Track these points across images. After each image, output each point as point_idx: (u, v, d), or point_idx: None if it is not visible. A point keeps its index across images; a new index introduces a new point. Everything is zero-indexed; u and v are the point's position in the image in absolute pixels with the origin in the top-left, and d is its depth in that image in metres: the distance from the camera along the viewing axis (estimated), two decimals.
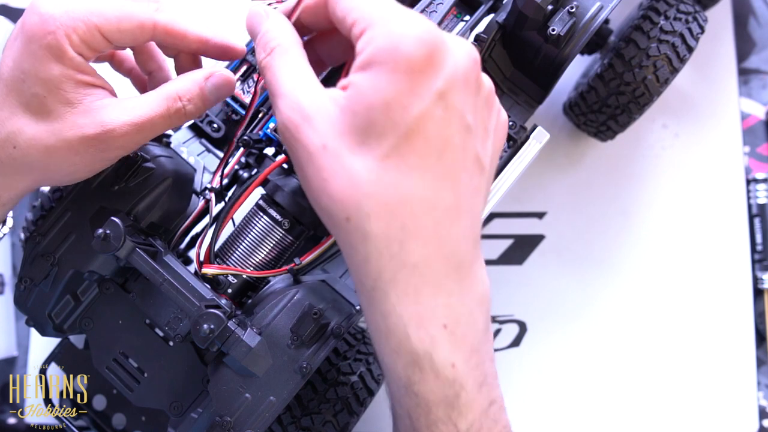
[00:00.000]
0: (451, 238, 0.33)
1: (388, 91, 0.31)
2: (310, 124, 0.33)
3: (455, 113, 0.32)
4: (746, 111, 0.70)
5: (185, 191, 0.50)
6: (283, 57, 0.36)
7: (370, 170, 0.32)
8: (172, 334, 0.45)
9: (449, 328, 0.33)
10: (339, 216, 0.33)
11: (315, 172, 0.33)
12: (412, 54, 0.31)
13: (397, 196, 0.32)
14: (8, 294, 0.68)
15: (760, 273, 0.66)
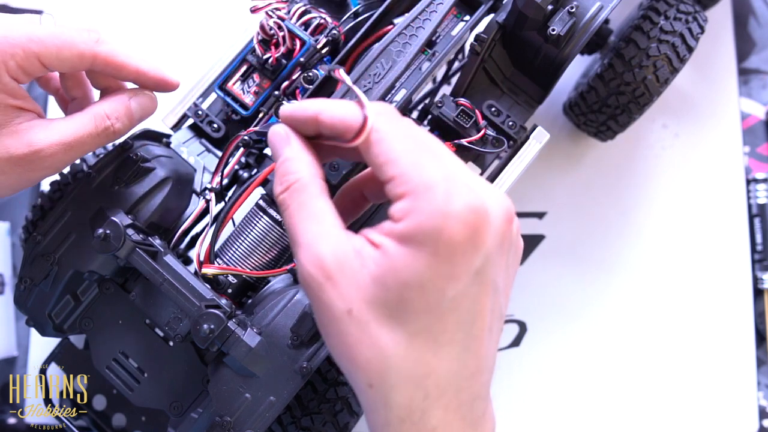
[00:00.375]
0: (470, 399, 0.32)
1: (426, 274, 0.30)
2: (333, 284, 0.31)
3: (489, 285, 0.32)
4: (746, 111, 0.70)
5: (185, 191, 0.50)
6: (301, 196, 0.34)
7: (399, 345, 0.30)
8: (172, 334, 0.45)
9: None
10: (361, 381, 0.32)
11: (337, 336, 0.31)
12: (457, 237, 0.30)
13: (423, 370, 0.31)
14: (8, 294, 0.68)
15: (760, 273, 0.66)
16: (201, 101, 0.54)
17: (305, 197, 0.33)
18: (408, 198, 0.30)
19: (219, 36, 0.57)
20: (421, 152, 0.31)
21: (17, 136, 0.40)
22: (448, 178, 0.30)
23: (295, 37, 0.50)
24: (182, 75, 0.50)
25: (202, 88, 0.54)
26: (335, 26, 0.51)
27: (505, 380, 0.65)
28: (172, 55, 0.71)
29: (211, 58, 0.54)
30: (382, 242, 0.31)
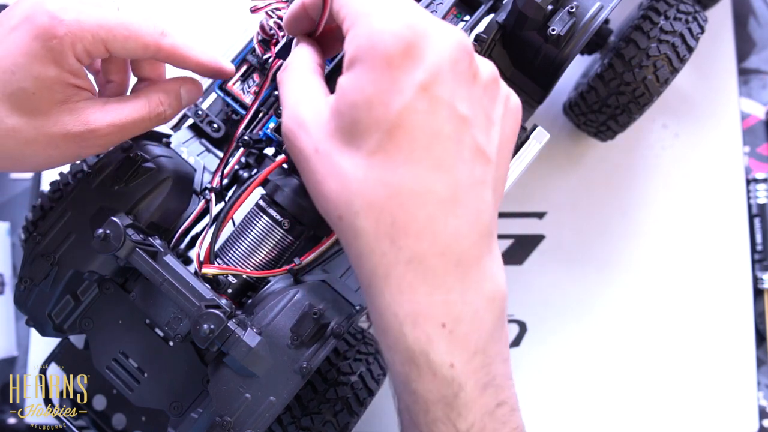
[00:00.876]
0: (447, 232, 0.32)
1: (369, 89, 0.31)
2: (304, 129, 0.34)
3: (443, 104, 0.32)
4: (746, 111, 0.70)
5: (185, 191, 0.50)
6: (294, 72, 0.37)
7: (357, 168, 0.32)
8: (172, 334, 0.45)
9: (448, 327, 0.32)
10: (333, 215, 0.33)
11: (310, 175, 0.34)
12: (390, 49, 0.31)
13: (385, 192, 0.32)
14: (8, 294, 0.68)
15: (760, 273, 0.66)
16: (201, 101, 0.54)
17: (297, 74, 0.37)
18: (351, 29, 0.33)
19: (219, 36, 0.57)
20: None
21: (75, 114, 0.41)
22: (386, 5, 0.32)
23: None
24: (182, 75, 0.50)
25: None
26: None
27: None
28: None
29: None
30: (338, 82, 0.33)
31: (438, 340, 0.32)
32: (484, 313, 0.33)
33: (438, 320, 0.32)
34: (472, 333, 0.33)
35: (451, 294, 0.32)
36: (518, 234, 0.67)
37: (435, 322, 0.32)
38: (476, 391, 0.33)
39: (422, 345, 0.32)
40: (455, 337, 0.33)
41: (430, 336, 0.32)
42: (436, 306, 0.32)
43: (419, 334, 0.32)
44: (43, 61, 0.39)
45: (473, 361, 0.33)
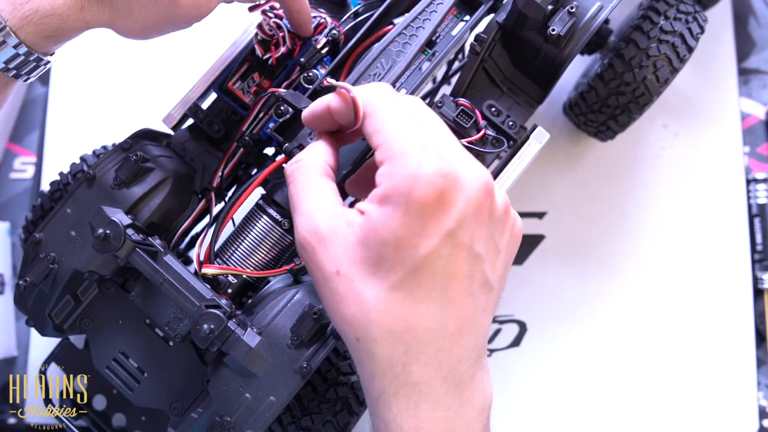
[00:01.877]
0: (451, 360, 0.34)
1: (401, 231, 0.33)
2: (325, 248, 0.35)
3: (463, 247, 0.34)
4: (746, 111, 0.70)
5: (185, 191, 0.50)
6: (308, 172, 0.37)
7: (379, 299, 0.34)
8: (172, 334, 0.45)
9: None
10: (350, 336, 0.35)
11: (329, 294, 0.35)
12: (425, 198, 0.32)
13: (402, 325, 0.34)
14: (8, 294, 0.68)
15: (760, 273, 0.66)
16: (201, 101, 0.54)
17: (310, 174, 0.37)
18: (387, 163, 0.34)
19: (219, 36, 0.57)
20: (406, 122, 0.34)
21: None
22: (424, 146, 0.33)
23: (294, 37, 0.50)
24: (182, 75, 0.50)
25: (202, 88, 0.54)
26: (335, 26, 0.51)
27: (505, 380, 0.65)
28: (173, 55, 0.71)
29: (211, 58, 0.54)
30: (367, 208, 0.34)
31: None
32: (475, 423, 0.36)
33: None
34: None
35: (449, 411, 0.35)
36: None
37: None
38: None
39: None
40: None
41: None
42: (436, 421, 0.34)
43: None
44: None
45: None
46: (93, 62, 0.72)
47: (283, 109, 0.48)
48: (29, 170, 0.72)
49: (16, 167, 0.73)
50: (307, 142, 0.44)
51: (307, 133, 0.45)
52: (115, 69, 0.72)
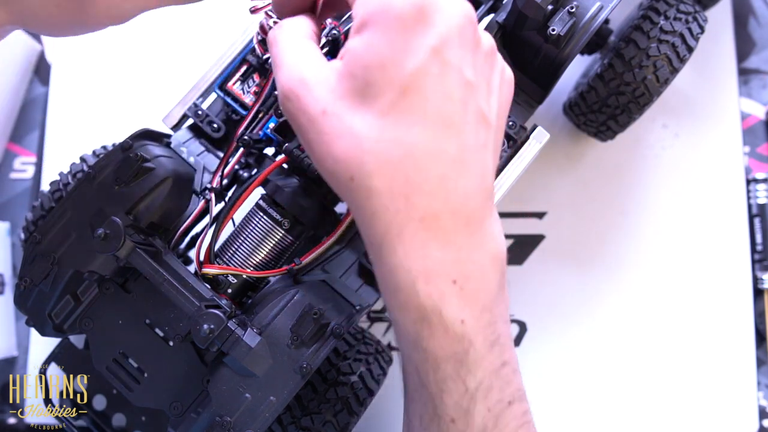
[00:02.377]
0: (458, 192, 0.33)
1: (383, 50, 0.32)
2: (309, 91, 0.33)
3: (452, 68, 0.33)
4: (746, 111, 0.70)
5: (185, 191, 0.50)
6: (289, 31, 0.37)
7: (371, 127, 0.32)
8: (172, 334, 0.45)
9: (459, 283, 0.33)
10: (344, 176, 0.33)
11: (317, 137, 0.33)
12: (403, 12, 0.32)
13: (399, 151, 0.32)
14: (8, 294, 0.68)
15: (760, 273, 0.66)
16: (201, 101, 0.54)
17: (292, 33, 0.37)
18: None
19: (219, 36, 0.57)
20: None
21: None
22: None
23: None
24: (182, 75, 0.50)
25: (202, 88, 0.54)
26: (335, 26, 0.51)
27: None
28: (173, 54, 0.71)
29: (211, 59, 0.54)
30: (347, 46, 0.33)
31: (450, 296, 0.33)
32: (489, 271, 0.34)
33: (449, 277, 0.33)
34: (480, 291, 0.34)
35: (461, 252, 0.33)
36: (518, 234, 0.67)
37: (447, 279, 0.33)
38: (484, 349, 0.34)
39: (435, 301, 0.33)
40: (465, 294, 0.33)
41: (443, 292, 0.33)
42: (447, 263, 0.33)
43: (432, 291, 0.33)
44: None
45: (481, 319, 0.34)
46: (93, 62, 0.72)
47: None
48: (29, 170, 0.72)
49: (16, 167, 0.73)
50: None
51: None
52: (115, 69, 0.72)
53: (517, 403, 0.36)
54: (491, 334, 0.35)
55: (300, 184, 0.49)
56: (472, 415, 0.35)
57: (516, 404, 0.36)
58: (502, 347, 0.35)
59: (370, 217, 0.33)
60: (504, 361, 0.36)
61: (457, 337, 0.34)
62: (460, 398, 0.34)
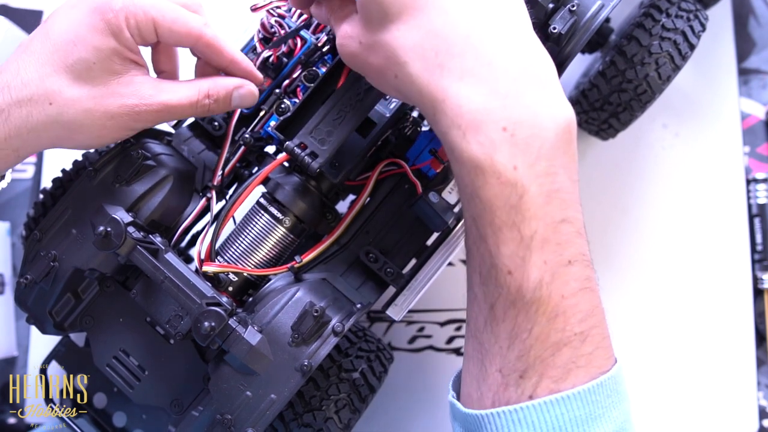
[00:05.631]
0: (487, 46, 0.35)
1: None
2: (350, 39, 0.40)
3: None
4: (746, 111, 0.70)
5: (186, 189, 0.50)
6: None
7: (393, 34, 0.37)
8: (172, 331, 0.45)
9: (509, 130, 0.34)
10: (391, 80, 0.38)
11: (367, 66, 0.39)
12: None
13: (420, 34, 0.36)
14: (8, 294, 0.68)
15: (760, 273, 0.66)
16: None
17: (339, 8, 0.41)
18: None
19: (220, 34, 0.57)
20: None
21: (131, 86, 0.44)
22: None
23: (295, 35, 0.50)
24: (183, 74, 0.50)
25: None
26: None
27: None
28: None
29: None
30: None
31: (501, 143, 0.34)
32: (545, 119, 0.35)
33: (498, 124, 0.34)
34: (534, 138, 0.34)
35: (508, 98, 0.34)
36: None
37: (496, 126, 0.34)
38: (540, 198, 0.35)
39: (486, 149, 0.34)
40: (517, 140, 0.34)
41: (493, 139, 0.34)
42: (494, 110, 0.34)
43: (482, 140, 0.34)
44: (102, 33, 0.42)
45: (536, 166, 0.34)
46: None
47: (284, 107, 0.48)
48: (29, 170, 0.72)
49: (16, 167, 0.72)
50: (308, 140, 0.44)
51: (308, 131, 0.45)
52: None
53: (579, 266, 0.36)
54: (549, 184, 0.35)
55: (301, 182, 0.49)
56: (528, 265, 0.35)
57: (578, 266, 0.36)
58: (563, 202, 0.35)
59: (419, 96, 0.36)
60: (565, 218, 0.35)
61: (510, 184, 0.34)
62: (516, 247, 0.35)
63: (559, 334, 0.35)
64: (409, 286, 0.49)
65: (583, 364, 0.36)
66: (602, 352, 0.37)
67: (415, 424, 0.65)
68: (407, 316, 0.66)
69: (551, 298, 0.35)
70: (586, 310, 0.36)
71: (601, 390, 0.36)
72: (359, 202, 0.49)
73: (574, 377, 0.36)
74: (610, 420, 0.36)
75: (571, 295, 0.36)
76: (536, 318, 0.35)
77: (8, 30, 0.71)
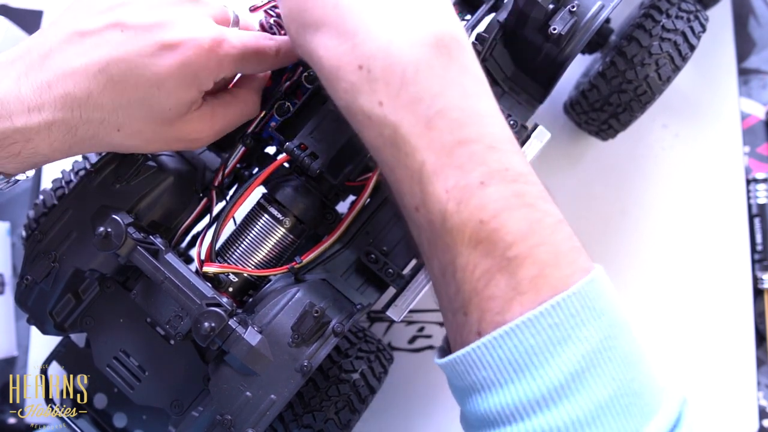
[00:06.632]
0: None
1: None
2: None
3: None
4: (746, 111, 0.70)
5: (186, 190, 0.50)
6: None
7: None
8: (173, 332, 0.45)
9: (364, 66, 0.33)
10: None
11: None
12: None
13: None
14: (8, 294, 0.68)
15: (760, 273, 0.66)
16: None
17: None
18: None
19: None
20: None
21: (192, 124, 0.43)
22: None
23: None
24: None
25: None
26: None
27: None
28: None
29: None
30: None
31: (360, 84, 0.33)
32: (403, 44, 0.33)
33: (353, 65, 0.34)
34: (393, 66, 0.33)
35: (357, 36, 0.34)
36: None
37: (351, 68, 0.34)
38: (417, 127, 0.33)
39: (349, 95, 0.34)
40: (374, 76, 0.33)
41: (352, 82, 0.34)
42: (346, 53, 0.34)
43: (344, 86, 0.34)
44: (190, 86, 0.40)
45: (403, 95, 0.33)
46: None
47: (284, 107, 0.48)
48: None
49: None
50: (309, 141, 0.44)
51: (308, 132, 0.45)
52: None
53: (498, 184, 0.33)
54: (426, 108, 0.33)
55: (301, 182, 0.49)
56: (428, 198, 0.33)
57: (496, 185, 0.33)
58: (453, 122, 0.33)
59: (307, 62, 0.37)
60: (460, 139, 0.33)
61: (380, 122, 0.33)
62: (411, 183, 0.33)
63: (487, 261, 0.32)
64: (409, 287, 0.49)
65: (528, 288, 0.32)
66: (555, 271, 0.32)
67: (415, 424, 0.65)
68: (407, 316, 0.66)
69: (466, 225, 0.32)
70: (518, 230, 0.32)
71: (559, 311, 0.32)
72: (359, 202, 0.49)
73: (518, 305, 0.32)
74: (579, 341, 0.31)
75: (491, 218, 0.32)
76: (456, 249, 0.33)
77: (8, 30, 0.71)
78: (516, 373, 0.32)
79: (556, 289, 0.32)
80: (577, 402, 0.31)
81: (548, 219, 0.33)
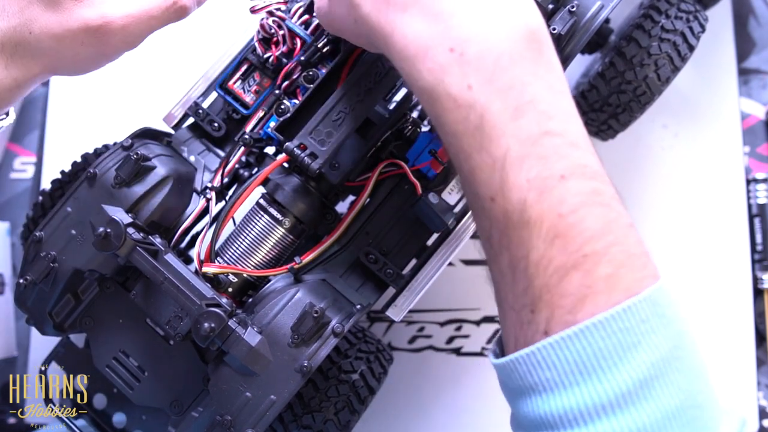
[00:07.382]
0: None
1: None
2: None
3: None
4: (746, 111, 0.70)
5: (186, 190, 0.50)
6: None
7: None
8: (172, 332, 0.45)
9: (457, 50, 0.32)
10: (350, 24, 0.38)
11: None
12: None
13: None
14: (8, 294, 0.68)
15: (760, 273, 0.66)
16: (202, 100, 0.54)
17: None
18: None
19: (219, 35, 0.57)
20: None
21: (92, 7, 0.44)
22: None
23: (295, 36, 0.50)
24: (183, 74, 0.50)
25: (202, 87, 0.54)
26: None
27: None
28: (174, 54, 0.71)
29: (211, 57, 0.54)
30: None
31: (449, 65, 0.32)
32: (499, 31, 0.33)
33: (444, 46, 0.33)
34: (487, 52, 0.32)
35: (453, 18, 0.33)
36: None
37: (442, 49, 0.33)
38: (506, 113, 0.32)
39: (436, 75, 0.33)
40: (467, 59, 0.32)
41: (441, 63, 0.33)
42: (439, 34, 0.33)
43: (431, 66, 0.33)
44: None
45: (495, 81, 0.32)
46: None
47: (284, 107, 0.48)
48: (29, 170, 0.72)
49: (16, 167, 0.73)
50: (308, 141, 0.44)
51: (307, 132, 0.45)
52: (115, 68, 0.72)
53: (577, 179, 0.33)
54: (516, 97, 0.32)
55: (300, 183, 0.49)
56: (507, 187, 0.32)
57: (576, 180, 0.33)
58: (541, 114, 0.32)
59: (375, 37, 0.36)
60: (546, 131, 0.32)
61: (467, 105, 0.32)
62: (491, 171, 0.32)
63: (563, 256, 0.31)
64: (409, 287, 0.49)
65: (602, 288, 0.31)
66: (628, 273, 0.32)
67: (415, 424, 0.65)
68: (407, 316, 0.66)
69: (544, 218, 0.32)
70: (595, 228, 0.32)
71: (631, 315, 0.31)
72: (359, 202, 0.49)
73: (591, 305, 0.31)
74: (649, 348, 0.31)
75: (570, 213, 0.32)
76: (531, 242, 0.32)
77: None
78: (582, 375, 0.31)
79: (629, 291, 0.32)
80: (644, 410, 0.31)
81: (622, 220, 0.34)
